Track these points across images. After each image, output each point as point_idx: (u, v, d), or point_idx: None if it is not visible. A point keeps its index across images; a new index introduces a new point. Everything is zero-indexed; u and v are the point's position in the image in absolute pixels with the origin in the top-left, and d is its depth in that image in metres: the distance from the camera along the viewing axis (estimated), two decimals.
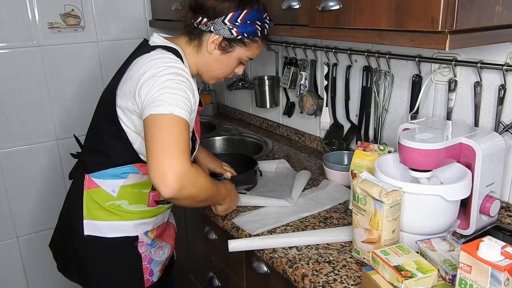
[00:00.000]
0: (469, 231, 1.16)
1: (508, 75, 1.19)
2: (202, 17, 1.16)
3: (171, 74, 1.06)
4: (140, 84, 1.07)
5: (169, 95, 1.03)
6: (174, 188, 0.98)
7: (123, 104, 1.13)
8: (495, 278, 0.75)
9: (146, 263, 1.28)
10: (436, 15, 0.88)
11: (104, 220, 1.23)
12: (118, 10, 2.10)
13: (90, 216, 1.23)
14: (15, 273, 2.09)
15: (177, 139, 1.01)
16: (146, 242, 1.28)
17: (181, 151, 1.00)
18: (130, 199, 1.23)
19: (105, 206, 1.22)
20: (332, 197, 1.43)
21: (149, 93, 1.04)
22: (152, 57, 1.11)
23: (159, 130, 1.00)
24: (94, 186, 1.22)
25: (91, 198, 1.23)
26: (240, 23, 1.16)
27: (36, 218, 2.08)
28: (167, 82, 1.04)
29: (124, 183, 1.21)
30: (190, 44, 1.21)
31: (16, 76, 1.91)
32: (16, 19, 1.86)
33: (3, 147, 1.94)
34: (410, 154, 1.09)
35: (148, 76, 1.06)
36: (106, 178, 1.21)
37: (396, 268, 0.89)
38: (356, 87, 1.67)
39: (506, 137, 1.21)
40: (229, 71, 1.27)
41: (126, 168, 1.20)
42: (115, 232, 1.23)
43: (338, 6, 1.11)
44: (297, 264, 1.09)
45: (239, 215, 1.33)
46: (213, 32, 1.16)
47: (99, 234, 1.23)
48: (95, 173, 1.22)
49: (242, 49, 1.21)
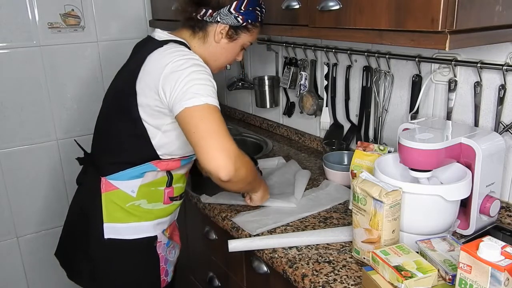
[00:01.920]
0: (469, 231, 1.16)
1: (508, 75, 1.19)
2: (206, 9, 1.19)
3: (193, 65, 1.09)
4: (162, 79, 1.07)
5: (199, 86, 1.05)
6: (231, 170, 1.04)
7: (143, 101, 1.12)
8: (495, 278, 0.75)
9: (163, 263, 1.30)
10: (436, 15, 0.88)
11: (124, 222, 1.22)
12: (118, 10, 2.10)
13: (110, 219, 1.21)
14: (15, 273, 2.09)
15: (219, 125, 1.06)
16: (164, 241, 1.30)
17: (226, 135, 1.06)
18: (148, 198, 1.24)
19: (126, 207, 1.22)
20: (332, 197, 1.43)
21: (177, 87, 1.05)
22: (167, 51, 1.12)
23: (201, 120, 1.04)
24: (113, 188, 1.21)
25: (111, 200, 1.21)
26: (243, 10, 1.20)
27: (36, 218, 2.08)
28: (192, 74, 1.06)
29: (142, 182, 1.21)
30: (195, 36, 1.23)
31: (16, 76, 1.91)
32: (16, 19, 1.86)
33: (3, 147, 1.94)
34: (410, 154, 1.09)
35: (170, 71, 1.07)
36: (124, 179, 1.21)
37: (396, 268, 0.89)
38: (356, 87, 1.67)
39: (506, 137, 1.21)
40: (233, 58, 1.32)
41: (144, 166, 1.20)
42: (136, 233, 1.24)
43: (338, 6, 1.11)
44: (297, 264, 1.09)
45: (239, 215, 1.33)
46: (220, 21, 1.20)
47: (119, 236, 1.22)
48: (112, 175, 1.21)
49: (246, 35, 1.26)
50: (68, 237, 1.36)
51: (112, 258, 1.24)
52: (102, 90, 2.11)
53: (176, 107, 1.06)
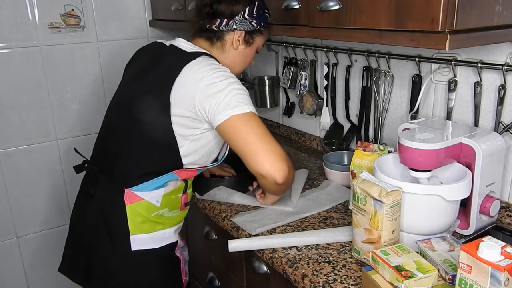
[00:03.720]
0: (469, 231, 1.16)
1: (508, 75, 1.19)
2: (221, 19, 1.23)
3: (229, 77, 1.14)
4: (200, 92, 1.10)
5: (240, 96, 1.11)
6: (286, 171, 1.11)
7: (176, 111, 1.14)
8: (495, 278, 0.75)
9: (183, 265, 1.33)
10: (436, 15, 0.88)
11: (150, 232, 1.23)
12: (118, 10, 2.09)
13: (136, 230, 1.21)
14: (15, 273, 2.08)
15: (266, 131, 1.13)
16: (180, 245, 1.32)
17: (274, 140, 1.12)
18: (169, 206, 1.26)
19: (151, 217, 1.22)
20: (332, 197, 1.43)
21: (218, 98, 1.09)
22: (201, 64, 1.14)
23: (250, 127, 1.10)
24: (138, 200, 1.20)
25: (136, 212, 1.20)
26: (256, 15, 1.25)
27: (36, 218, 2.08)
28: (231, 85, 1.12)
29: (165, 191, 1.23)
30: (213, 46, 1.27)
31: (16, 76, 1.91)
32: (16, 19, 1.86)
33: (3, 147, 1.94)
34: (410, 154, 1.09)
35: (207, 83, 1.11)
36: (149, 189, 1.21)
37: (396, 268, 0.89)
38: (356, 87, 1.67)
39: (506, 137, 1.21)
40: (249, 63, 1.37)
41: (167, 176, 1.21)
42: (161, 241, 1.25)
43: (338, 6, 1.11)
44: (297, 264, 1.09)
45: (239, 215, 1.33)
46: (236, 29, 1.24)
47: (146, 246, 1.22)
48: (137, 186, 1.20)
49: (260, 37, 1.31)
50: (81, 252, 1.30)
51: (140, 269, 1.24)
52: (102, 90, 2.11)
53: (219, 116, 1.09)
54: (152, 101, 1.17)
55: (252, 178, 1.51)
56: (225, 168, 1.55)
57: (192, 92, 1.12)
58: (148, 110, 1.17)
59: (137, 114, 1.20)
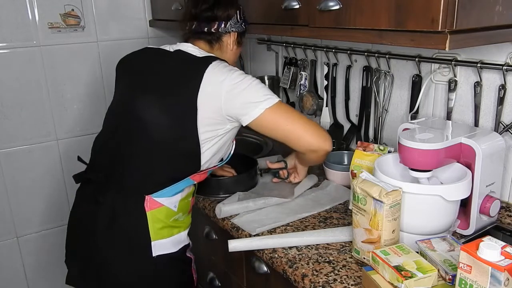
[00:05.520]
0: (469, 231, 1.16)
1: (508, 75, 1.19)
2: (219, 22, 1.30)
3: (246, 75, 1.20)
4: (225, 93, 1.16)
5: (264, 89, 1.21)
6: (330, 137, 1.26)
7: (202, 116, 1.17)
8: (495, 278, 0.75)
9: (193, 263, 1.36)
10: (436, 15, 0.88)
11: (169, 237, 1.25)
12: (118, 10, 2.09)
13: (157, 236, 1.22)
14: (15, 273, 2.08)
15: (297, 111, 1.27)
16: (190, 245, 1.35)
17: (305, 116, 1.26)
18: (183, 210, 1.29)
19: (169, 222, 1.24)
20: (332, 197, 1.43)
21: (246, 95, 1.16)
22: (219, 67, 1.19)
23: (286, 113, 1.21)
24: (158, 206, 1.21)
25: (156, 218, 1.21)
26: (243, 17, 1.36)
27: (36, 218, 2.08)
28: (253, 81, 1.19)
29: (181, 196, 1.26)
30: (213, 48, 1.32)
31: (16, 76, 1.91)
32: (16, 19, 1.86)
33: (3, 147, 1.94)
34: (410, 154, 1.09)
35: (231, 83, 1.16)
36: (169, 195, 1.22)
37: (396, 268, 0.89)
38: (356, 87, 1.67)
39: (506, 137, 1.21)
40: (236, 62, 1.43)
41: (186, 181, 1.23)
42: (178, 244, 1.28)
43: (338, 6, 1.11)
44: (297, 264, 1.09)
45: (239, 215, 1.33)
46: (232, 31, 1.32)
47: (167, 251, 1.24)
48: (157, 193, 1.20)
49: (243, 37, 1.40)
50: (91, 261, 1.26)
51: (162, 273, 1.25)
52: (102, 90, 2.11)
53: (252, 112, 1.17)
54: (177, 110, 1.18)
55: (252, 178, 1.53)
56: (225, 168, 1.55)
57: (216, 94, 1.16)
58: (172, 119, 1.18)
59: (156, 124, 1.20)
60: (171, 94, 1.18)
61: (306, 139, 1.22)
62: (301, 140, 1.22)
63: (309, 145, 1.23)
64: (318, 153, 1.26)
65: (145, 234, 1.20)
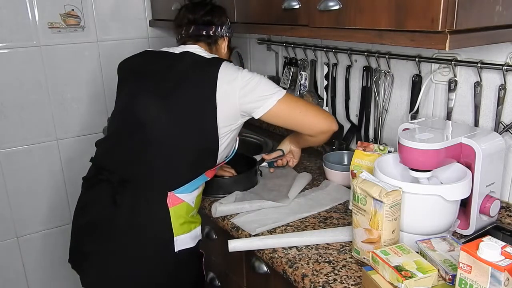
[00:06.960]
0: (469, 231, 1.16)
1: (508, 75, 1.19)
2: (215, 27, 1.39)
3: (253, 72, 1.28)
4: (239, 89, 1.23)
5: (271, 83, 1.29)
6: (335, 121, 1.38)
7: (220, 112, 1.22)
8: (495, 278, 0.75)
9: (203, 259, 1.40)
10: (436, 15, 0.88)
11: (188, 232, 1.29)
12: (118, 10, 2.10)
13: (178, 231, 1.26)
14: (15, 273, 2.09)
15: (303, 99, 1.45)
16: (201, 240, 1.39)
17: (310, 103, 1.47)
18: (198, 206, 1.35)
19: (189, 218, 1.29)
20: (332, 197, 1.43)
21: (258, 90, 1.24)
22: (229, 66, 1.26)
23: (295, 102, 1.32)
24: (179, 202, 1.25)
25: (178, 214, 1.25)
26: (230, 24, 1.45)
27: (36, 218, 2.08)
28: (261, 77, 1.28)
29: (198, 192, 1.32)
30: (211, 50, 1.39)
31: (16, 76, 1.91)
32: (16, 19, 1.86)
33: (3, 147, 1.94)
34: (410, 154, 1.09)
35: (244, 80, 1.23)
36: (189, 191, 1.27)
37: (396, 268, 0.89)
38: (356, 87, 1.67)
39: (506, 137, 1.21)
40: None
41: (201, 178, 1.29)
42: (195, 238, 1.33)
43: (338, 6, 1.11)
44: (297, 264, 1.09)
45: (239, 215, 1.33)
46: (226, 35, 1.42)
47: (187, 246, 1.29)
48: (179, 189, 1.25)
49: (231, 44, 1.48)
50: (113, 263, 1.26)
51: (183, 267, 1.31)
52: (102, 90, 2.11)
53: (266, 104, 1.25)
54: (197, 109, 1.22)
55: (251, 178, 1.52)
56: (225, 168, 1.55)
57: (231, 92, 1.22)
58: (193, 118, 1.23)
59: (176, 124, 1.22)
60: (187, 94, 1.22)
61: (318, 124, 1.34)
62: (312, 125, 1.34)
63: (320, 129, 1.35)
64: (328, 134, 1.37)
65: (169, 230, 1.24)
